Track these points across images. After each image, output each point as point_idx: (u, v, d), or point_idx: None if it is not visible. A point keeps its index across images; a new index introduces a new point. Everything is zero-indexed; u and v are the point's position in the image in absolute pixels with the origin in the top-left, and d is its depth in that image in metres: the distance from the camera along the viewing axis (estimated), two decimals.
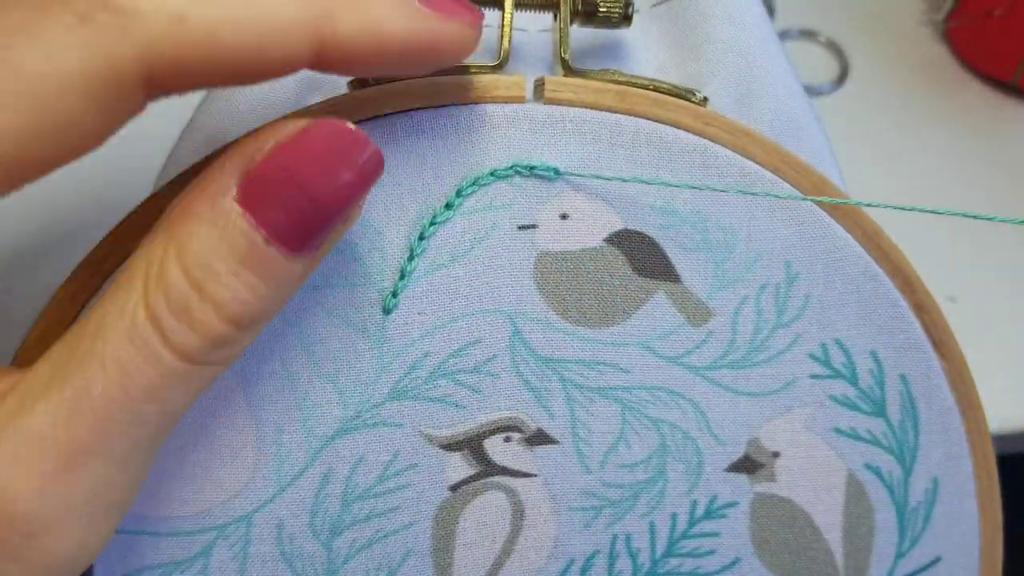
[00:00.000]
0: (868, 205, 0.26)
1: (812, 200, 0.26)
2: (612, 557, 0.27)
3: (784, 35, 0.54)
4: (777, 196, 0.26)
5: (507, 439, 0.26)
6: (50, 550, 0.20)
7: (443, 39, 0.22)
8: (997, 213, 0.47)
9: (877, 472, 0.27)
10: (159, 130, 0.37)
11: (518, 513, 0.26)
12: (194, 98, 0.29)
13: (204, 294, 0.20)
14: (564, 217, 0.26)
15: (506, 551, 0.26)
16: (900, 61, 0.54)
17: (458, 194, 0.26)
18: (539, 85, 0.26)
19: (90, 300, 0.25)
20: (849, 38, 0.54)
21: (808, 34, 0.54)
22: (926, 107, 0.52)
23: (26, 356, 0.24)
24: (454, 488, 0.26)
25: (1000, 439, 0.41)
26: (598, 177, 0.26)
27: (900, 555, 0.27)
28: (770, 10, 0.55)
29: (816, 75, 0.53)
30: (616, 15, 0.27)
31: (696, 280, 0.26)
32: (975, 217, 0.25)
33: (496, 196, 0.26)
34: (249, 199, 0.20)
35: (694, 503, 0.27)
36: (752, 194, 0.26)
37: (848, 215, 0.27)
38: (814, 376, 0.27)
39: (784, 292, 0.27)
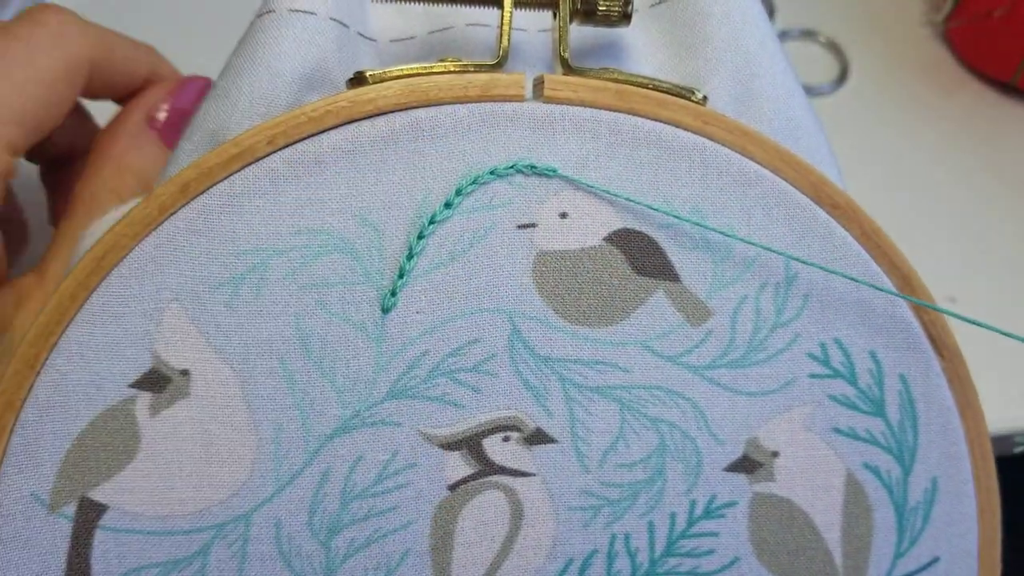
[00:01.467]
0: (967, 321, 0.26)
1: (905, 298, 0.27)
2: (611, 557, 0.27)
3: (784, 35, 0.54)
4: (881, 289, 0.26)
5: (506, 438, 0.26)
6: None
7: None
8: (995, 212, 0.47)
9: (876, 472, 0.27)
10: None
11: (517, 512, 0.26)
12: None
13: None
14: (563, 216, 0.26)
15: (505, 550, 0.26)
16: (900, 61, 0.54)
17: (457, 193, 0.26)
18: (538, 84, 0.26)
19: (88, 298, 0.25)
20: (849, 38, 0.54)
21: (808, 34, 0.54)
22: (926, 107, 0.52)
23: (28, 351, 0.24)
24: (453, 487, 0.26)
25: (999, 440, 0.41)
26: (657, 209, 0.26)
27: (899, 555, 0.27)
28: (770, 10, 0.55)
29: (816, 75, 0.53)
30: (615, 14, 0.27)
31: (695, 279, 0.26)
32: None
33: (495, 195, 0.26)
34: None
35: (693, 503, 0.27)
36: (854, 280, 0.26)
37: (847, 214, 0.27)
38: (813, 375, 0.27)
39: (783, 291, 0.27)
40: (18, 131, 0.30)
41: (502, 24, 0.27)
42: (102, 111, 0.36)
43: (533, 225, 0.26)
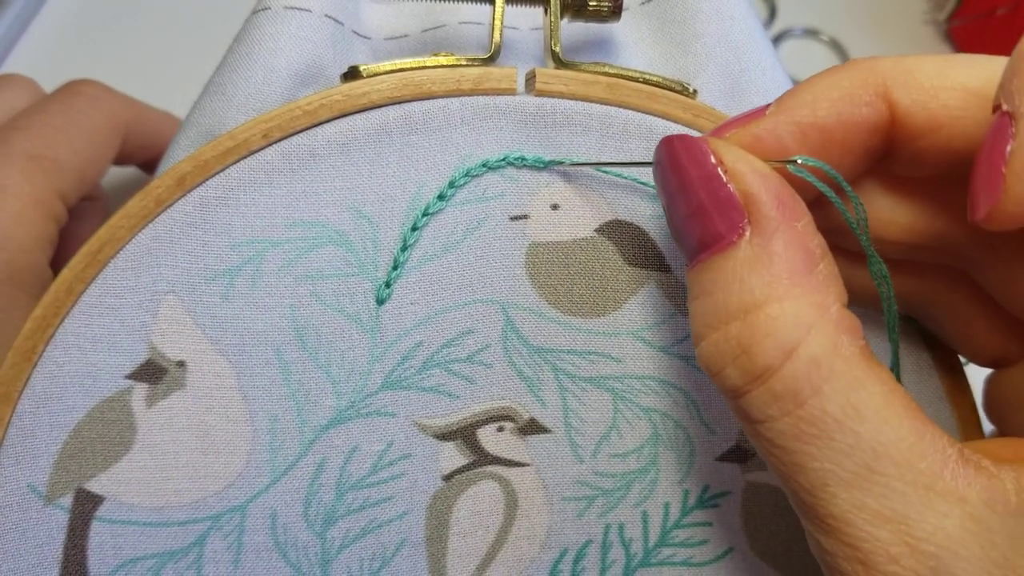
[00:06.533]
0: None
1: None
2: (605, 547, 0.27)
3: (787, 34, 0.54)
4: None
5: (500, 429, 0.26)
6: None
7: None
8: None
9: None
10: None
11: (511, 503, 0.26)
12: (190, 95, 0.29)
13: None
14: (555, 208, 0.26)
15: (500, 541, 0.27)
16: None
17: (451, 185, 0.26)
18: (530, 78, 0.26)
19: (85, 291, 0.25)
20: (852, 37, 0.54)
21: (811, 33, 0.55)
22: None
23: (24, 344, 0.25)
24: (447, 478, 0.26)
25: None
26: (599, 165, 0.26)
27: None
28: (772, 9, 0.55)
29: None
30: (606, 9, 0.27)
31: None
32: None
33: (488, 187, 0.26)
34: None
35: (686, 492, 0.27)
36: None
37: None
38: None
39: None
40: (70, 183, 0.34)
41: (493, 19, 0.27)
42: None
43: (525, 216, 0.26)
